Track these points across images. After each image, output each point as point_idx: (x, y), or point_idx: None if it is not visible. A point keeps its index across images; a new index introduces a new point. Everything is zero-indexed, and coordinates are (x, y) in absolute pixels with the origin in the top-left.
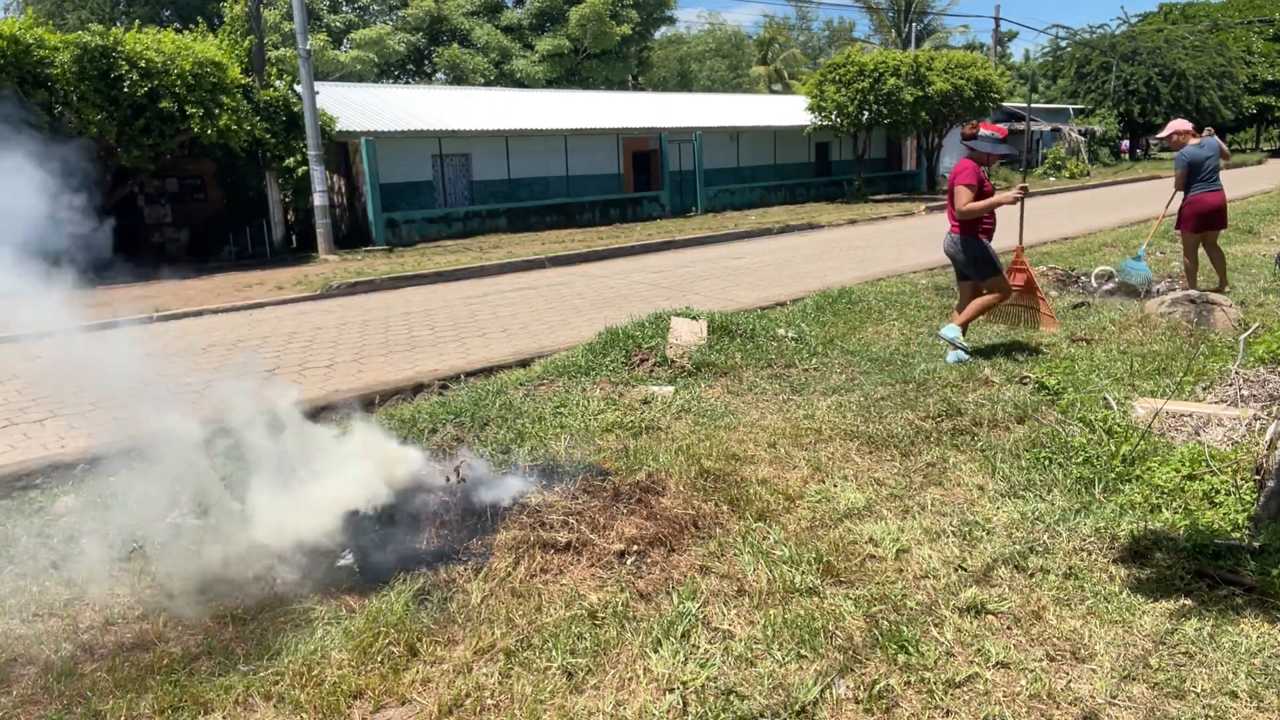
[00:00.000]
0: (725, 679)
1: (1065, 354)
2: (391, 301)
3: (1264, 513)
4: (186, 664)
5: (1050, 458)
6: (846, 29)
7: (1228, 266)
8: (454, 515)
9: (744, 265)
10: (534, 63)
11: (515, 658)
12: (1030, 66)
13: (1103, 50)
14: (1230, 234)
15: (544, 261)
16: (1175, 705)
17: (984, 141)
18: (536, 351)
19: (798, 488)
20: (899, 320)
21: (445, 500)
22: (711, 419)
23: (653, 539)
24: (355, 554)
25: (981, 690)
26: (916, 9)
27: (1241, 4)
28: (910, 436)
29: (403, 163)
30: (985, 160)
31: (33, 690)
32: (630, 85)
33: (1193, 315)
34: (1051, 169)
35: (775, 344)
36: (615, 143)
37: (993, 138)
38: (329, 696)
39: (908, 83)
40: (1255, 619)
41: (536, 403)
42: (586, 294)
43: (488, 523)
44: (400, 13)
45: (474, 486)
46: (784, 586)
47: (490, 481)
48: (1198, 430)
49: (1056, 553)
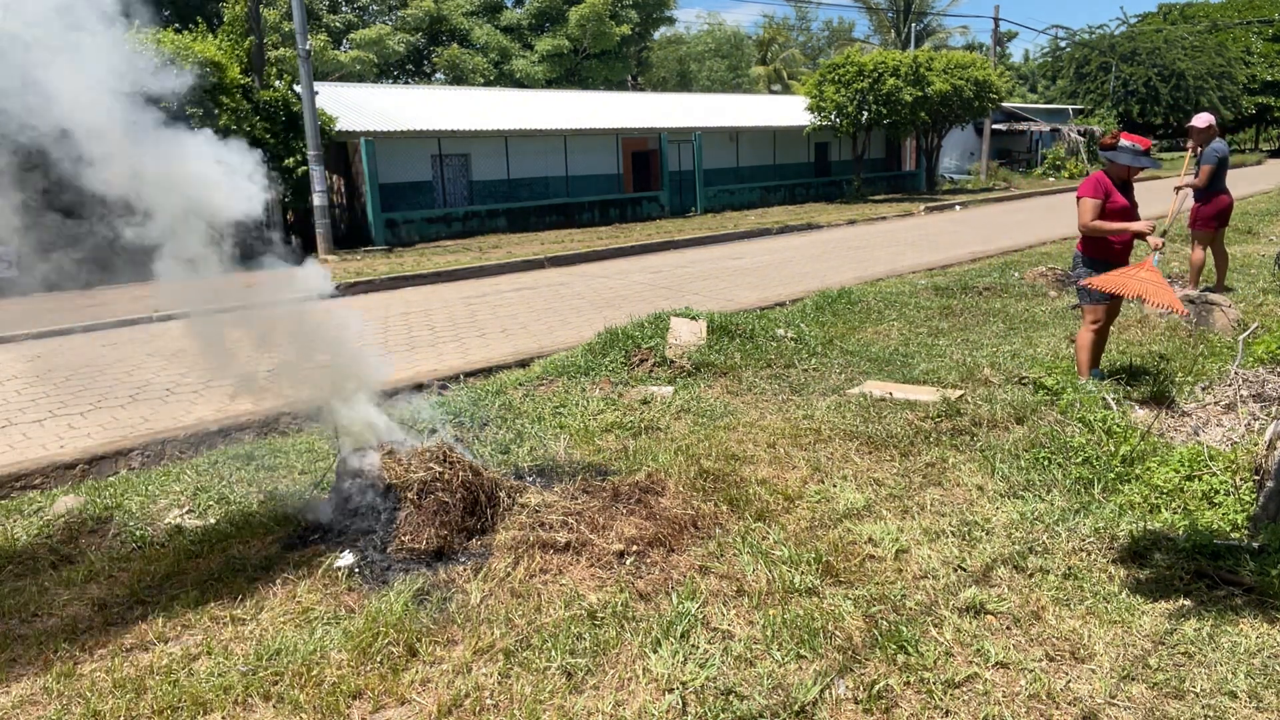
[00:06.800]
0: (725, 679)
1: (1065, 354)
2: (391, 302)
3: (1263, 513)
4: (186, 664)
5: (1050, 458)
6: (846, 29)
7: (1228, 267)
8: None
9: (743, 265)
10: (534, 63)
11: (515, 658)
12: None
13: (1102, 51)
14: (1230, 234)
15: (543, 262)
16: (1175, 705)
17: (1124, 153)
18: (536, 352)
19: (797, 488)
20: (898, 320)
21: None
22: (711, 419)
23: (652, 539)
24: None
25: (981, 690)
26: (916, 9)
27: (1241, 4)
28: (909, 436)
29: (402, 163)
30: (1125, 174)
31: (33, 690)
32: (630, 85)
33: (1192, 315)
34: (1051, 169)
35: (775, 344)
36: (615, 143)
37: (1134, 149)
38: (329, 696)
39: (907, 83)
40: (1254, 619)
41: (536, 403)
42: (586, 294)
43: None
44: (400, 13)
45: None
46: (783, 586)
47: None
48: (1197, 430)
49: (1056, 553)
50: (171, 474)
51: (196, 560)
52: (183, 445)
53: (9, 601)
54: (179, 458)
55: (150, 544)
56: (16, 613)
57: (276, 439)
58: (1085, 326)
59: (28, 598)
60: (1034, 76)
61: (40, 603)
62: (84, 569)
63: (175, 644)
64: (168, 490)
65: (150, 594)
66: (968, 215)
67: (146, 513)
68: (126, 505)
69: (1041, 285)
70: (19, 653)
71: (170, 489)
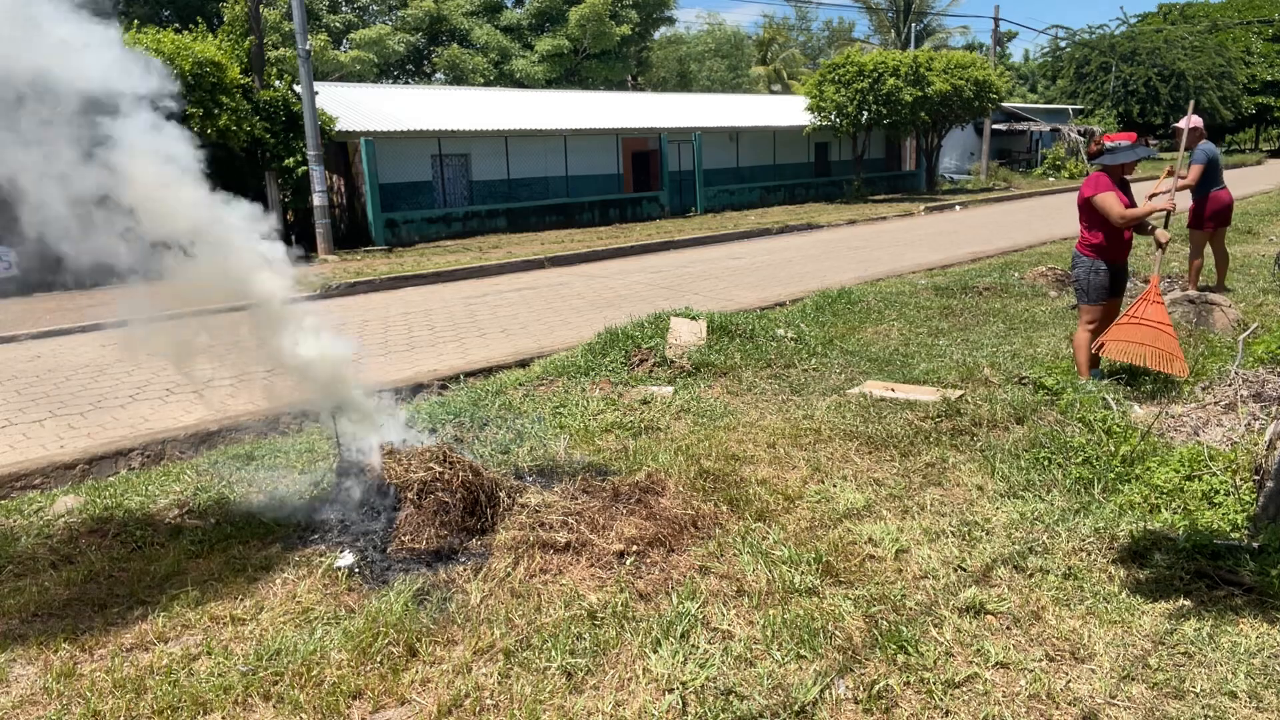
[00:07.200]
0: (725, 679)
1: (1065, 354)
2: (391, 302)
3: (1263, 513)
4: (186, 664)
5: (1049, 458)
6: (846, 29)
7: (1228, 267)
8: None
9: (743, 265)
10: (533, 63)
11: (514, 658)
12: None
13: (1102, 51)
14: (1230, 234)
15: (543, 262)
16: (1174, 705)
17: (1121, 151)
18: (536, 352)
19: (797, 488)
20: (898, 320)
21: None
22: (711, 419)
23: (652, 539)
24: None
25: (981, 690)
26: (916, 9)
27: (1241, 4)
28: (909, 436)
29: (402, 163)
30: (1122, 172)
31: (33, 690)
32: (630, 85)
33: (1192, 316)
34: (1051, 169)
35: (775, 344)
36: (615, 143)
37: (1125, 145)
38: (329, 696)
39: (907, 83)
40: (1254, 619)
41: (536, 403)
42: (586, 294)
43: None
44: (400, 13)
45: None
46: (783, 586)
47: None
48: (1197, 430)
49: (1056, 553)
50: (171, 474)
51: (196, 560)
52: (183, 445)
53: (9, 601)
54: (179, 458)
55: (150, 544)
56: (16, 613)
57: (276, 439)
58: (1081, 326)
59: (28, 598)
60: (1034, 76)
61: (40, 603)
62: (84, 569)
63: (175, 644)
64: (168, 490)
65: (150, 594)
66: (968, 215)
67: (146, 513)
68: (126, 505)
69: (1041, 285)
70: (19, 653)
71: (170, 489)
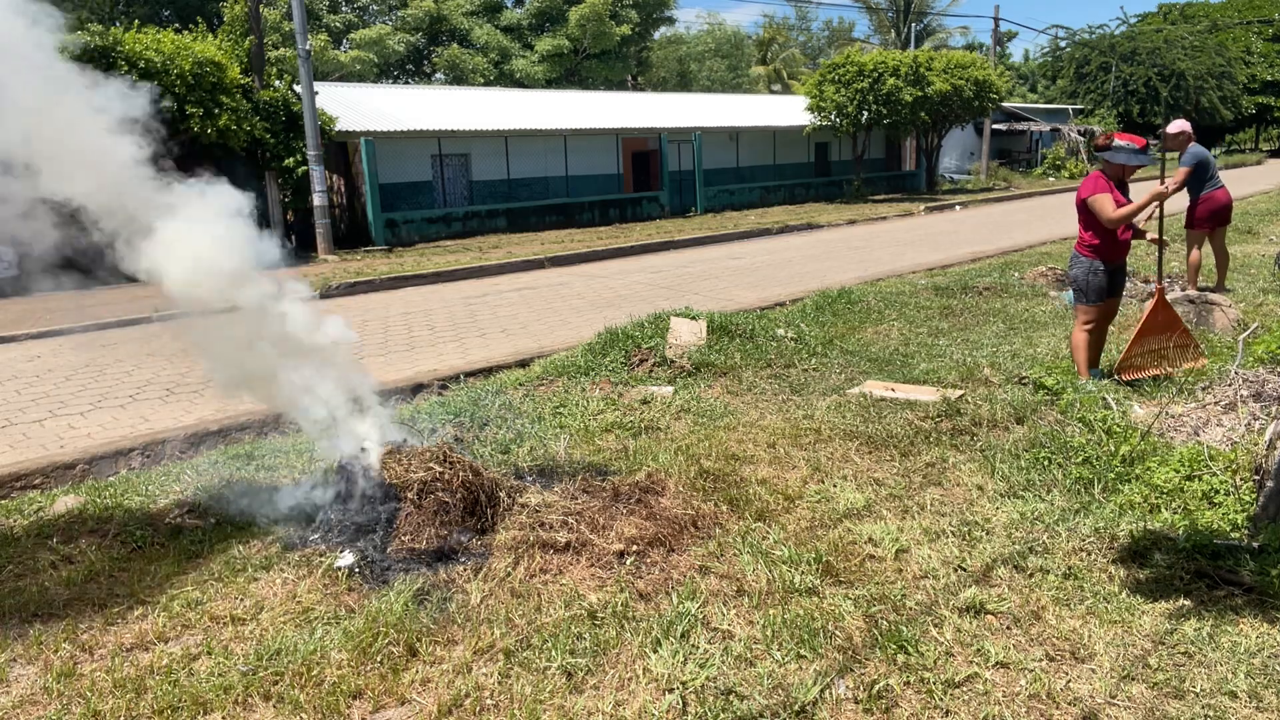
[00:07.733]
0: (725, 679)
1: (1065, 354)
2: (391, 302)
3: (1263, 513)
4: (186, 664)
5: (1050, 458)
6: (846, 29)
7: (1228, 267)
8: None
9: (743, 265)
10: (534, 63)
11: (515, 658)
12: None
13: (1102, 50)
14: (1230, 234)
15: (543, 262)
16: (1175, 705)
17: (1120, 152)
18: (536, 352)
19: (797, 488)
20: (898, 320)
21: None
22: (711, 419)
23: (652, 539)
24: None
25: (981, 690)
26: (916, 9)
27: (1241, 4)
28: (910, 436)
29: (402, 163)
30: (1121, 173)
31: (33, 690)
32: (630, 85)
33: (1192, 316)
34: (1051, 169)
35: (775, 344)
36: (615, 143)
37: (1130, 148)
38: (329, 696)
39: (907, 83)
40: (1254, 619)
41: (536, 403)
42: (586, 294)
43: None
44: (400, 13)
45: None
46: (783, 586)
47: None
48: (1197, 430)
49: (1056, 553)
50: (171, 474)
51: (196, 560)
52: (183, 445)
53: (9, 602)
54: (179, 458)
55: (150, 544)
56: (16, 613)
57: (276, 439)
58: (1078, 327)
59: (28, 598)
60: (1034, 76)
61: (40, 603)
62: (84, 569)
63: (175, 644)
64: (168, 490)
65: (150, 594)
66: (968, 215)
67: (146, 513)
68: (126, 505)
69: (1041, 285)
70: (19, 653)
71: (170, 489)
